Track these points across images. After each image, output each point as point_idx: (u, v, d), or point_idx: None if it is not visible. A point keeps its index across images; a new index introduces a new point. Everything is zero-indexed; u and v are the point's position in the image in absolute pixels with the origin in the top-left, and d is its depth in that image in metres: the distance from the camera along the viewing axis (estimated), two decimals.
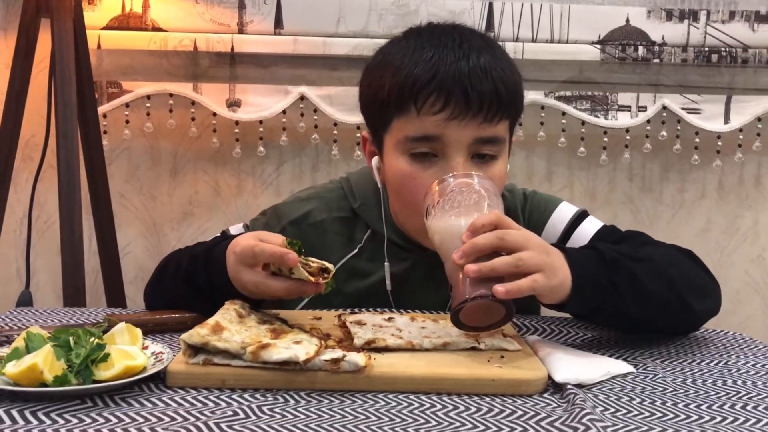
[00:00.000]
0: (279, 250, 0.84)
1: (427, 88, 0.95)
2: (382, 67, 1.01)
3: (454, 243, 0.83)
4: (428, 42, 0.98)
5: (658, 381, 0.80)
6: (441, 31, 1.01)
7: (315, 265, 0.85)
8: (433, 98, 0.95)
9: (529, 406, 0.71)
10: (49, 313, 1.04)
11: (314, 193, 1.15)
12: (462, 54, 0.95)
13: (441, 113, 0.95)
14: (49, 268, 1.85)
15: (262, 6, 1.71)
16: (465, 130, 0.95)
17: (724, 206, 1.87)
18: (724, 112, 1.75)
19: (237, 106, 1.73)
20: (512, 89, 0.97)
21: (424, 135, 0.96)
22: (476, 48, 0.97)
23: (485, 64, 0.95)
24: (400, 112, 0.98)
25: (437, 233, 0.88)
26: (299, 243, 0.86)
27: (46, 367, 0.68)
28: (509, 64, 1.00)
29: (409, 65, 0.97)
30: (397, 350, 0.81)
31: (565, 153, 1.83)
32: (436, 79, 0.94)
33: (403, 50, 0.99)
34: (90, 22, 1.62)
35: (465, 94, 0.94)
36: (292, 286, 0.85)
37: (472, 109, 0.94)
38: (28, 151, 1.79)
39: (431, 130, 0.96)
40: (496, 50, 1.00)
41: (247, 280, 0.88)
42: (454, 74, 0.94)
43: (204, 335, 0.75)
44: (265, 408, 0.69)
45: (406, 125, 0.97)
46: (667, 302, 0.90)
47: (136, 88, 1.72)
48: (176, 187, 1.85)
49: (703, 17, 1.73)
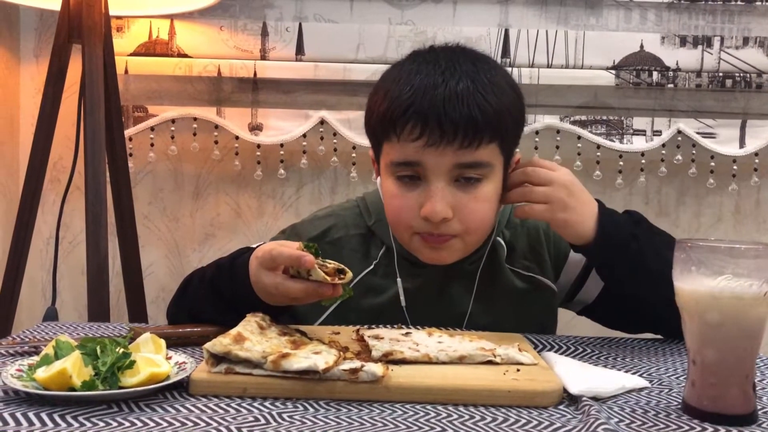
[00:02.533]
0: (296, 253, 0.87)
1: (404, 116, 0.97)
2: (377, 92, 1.04)
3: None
4: (422, 67, 1.00)
5: (674, 396, 0.80)
6: (437, 55, 1.02)
7: (332, 266, 0.88)
8: (410, 126, 0.97)
9: (544, 417, 0.72)
10: (75, 327, 1.07)
11: (332, 212, 1.18)
12: (441, 80, 0.97)
13: (419, 140, 0.97)
14: (73, 288, 1.89)
15: (284, 33, 1.76)
16: (443, 156, 0.97)
17: (741, 230, 1.87)
18: (739, 136, 1.76)
19: (259, 130, 1.77)
20: (493, 113, 0.96)
21: (405, 161, 0.99)
22: (459, 73, 0.97)
23: (462, 91, 0.96)
24: (386, 138, 1.01)
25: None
26: (315, 246, 0.89)
27: (74, 373, 0.71)
28: (497, 88, 0.99)
29: (394, 91, 0.99)
30: (414, 363, 0.83)
31: (581, 176, 1.80)
32: (413, 108, 0.96)
33: (397, 75, 1.02)
34: (118, 49, 1.68)
35: (439, 121, 0.95)
36: (310, 287, 0.87)
37: (447, 136, 0.95)
38: (56, 174, 1.85)
39: (411, 156, 0.98)
40: (484, 75, 0.99)
41: (267, 283, 0.90)
42: (430, 102, 0.96)
43: (226, 344, 0.77)
44: (285, 415, 0.71)
45: (391, 150, 1.01)
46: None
47: (161, 112, 1.77)
48: (198, 209, 1.89)
49: (716, 43, 1.76)
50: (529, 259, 1.13)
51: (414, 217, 1.00)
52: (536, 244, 1.14)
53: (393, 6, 1.78)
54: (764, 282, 0.70)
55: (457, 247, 1.03)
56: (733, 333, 0.71)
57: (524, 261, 1.13)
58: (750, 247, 0.72)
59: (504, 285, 1.11)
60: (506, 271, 1.12)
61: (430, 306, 1.09)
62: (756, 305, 0.71)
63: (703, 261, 0.72)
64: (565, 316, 1.22)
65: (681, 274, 0.74)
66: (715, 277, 0.71)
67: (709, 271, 0.71)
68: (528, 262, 1.13)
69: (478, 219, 1.01)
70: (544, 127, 1.77)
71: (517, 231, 1.15)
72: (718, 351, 0.72)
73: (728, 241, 0.74)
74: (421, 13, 1.77)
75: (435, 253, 1.03)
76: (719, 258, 0.71)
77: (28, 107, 1.85)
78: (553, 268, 1.14)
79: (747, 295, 0.70)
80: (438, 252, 1.03)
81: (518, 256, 1.13)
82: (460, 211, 0.99)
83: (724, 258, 0.71)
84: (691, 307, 0.73)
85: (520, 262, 1.13)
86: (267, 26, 1.76)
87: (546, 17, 1.77)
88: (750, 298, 0.70)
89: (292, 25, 1.76)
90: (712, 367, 0.72)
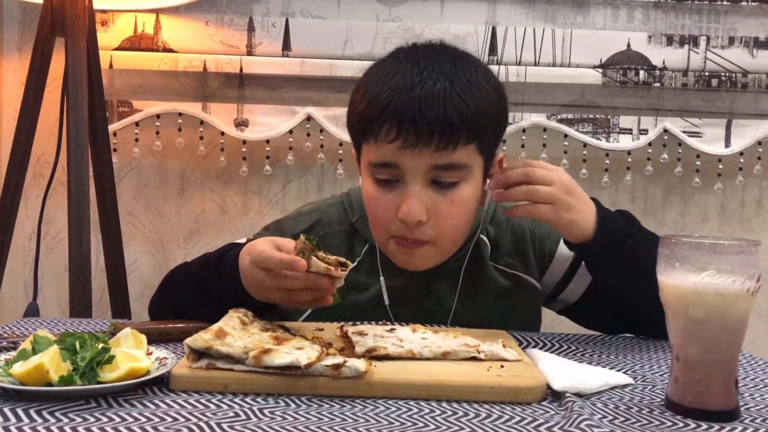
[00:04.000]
0: (286, 258, 0.85)
1: (381, 117, 0.96)
2: (357, 91, 1.03)
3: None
4: (401, 67, 0.98)
5: (657, 392, 0.80)
6: (417, 54, 1.01)
7: (333, 258, 0.88)
8: (387, 127, 0.96)
9: (528, 412, 0.72)
10: (55, 322, 1.05)
11: (316, 207, 1.17)
12: (419, 80, 0.95)
13: (395, 142, 0.96)
14: (55, 284, 1.87)
15: (270, 29, 1.75)
16: (419, 158, 0.96)
17: (726, 229, 1.87)
18: (725, 135, 1.77)
19: (245, 126, 1.76)
20: (471, 115, 0.95)
21: (382, 162, 0.99)
22: (437, 74, 0.96)
23: (438, 92, 0.94)
24: (365, 139, 1.01)
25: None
26: (315, 239, 0.88)
27: (52, 367, 0.69)
28: (476, 88, 0.97)
29: (372, 91, 0.98)
30: (397, 359, 0.82)
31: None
32: (389, 109, 0.95)
33: (377, 74, 1.00)
34: (103, 43, 1.66)
35: (414, 123, 0.94)
36: (310, 278, 0.86)
37: (423, 138, 0.94)
38: (39, 169, 1.83)
39: (388, 157, 0.97)
40: (464, 75, 0.97)
41: (263, 277, 0.89)
42: (406, 103, 0.94)
43: (207, 340, 0.77)
44: (266, 411, 0.70)
45: (369, 151, 1.00)
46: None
47: (146, 108, 1.75)
48: (183, 206, 1.87)
49: (703, 43, 1.76)
50: (514, 257, 1.13)
51: (391, 219, 0.99)
52: (521, 242, 1.14)
53: (380, 2, 1.77)
54: (747, 278, 0.70)
55: (430, 254, 1.02)
56: (716, 329, 0.71)
57: (508, 258, 1.13)
58: (733, 244, 0.72)
59: (487, 282, 1.11)
60: (490, 269, 1.11)
61: (414, 304, 1.08)
62: (739, 301, 0.71)
63: (687, 257, 0.72)
64: (550, 314, 1.22)
65: (665, 270, 0.74)
66: (699, 273, 0.71)
67: (692, 267, 0.71)
68: (512, 260, 1.13)
69: (452, 225, 1.00)
70: (530, 125, 1.77)
71: (501, 228, 1.14)
72: (701, 347, 0.72)
73: (712, 238, 0.74)
74: (409, 10, 1.77)
75: (409, 258, 1.03)
76: (703, 254, 0.71)
77: (10, 101, 1.83)
78: (538, 266, 1.14)
79: (730, 291, 0.70)
80: (412, 257, 1.03)
81: (502, 254, 1.13)
82: (435, 215, 0.98)
83: (707, 254, 0.71)
84: (675, 303, 0.73)
85: (504, 259, 1.13)
86: (253, 21, 1.75)
87: (533, 15, 1.77)
88: (733, 294, 0.70)
89: (278, 21, 1.75)
90: (695, 364, 0.72)
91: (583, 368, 0.85)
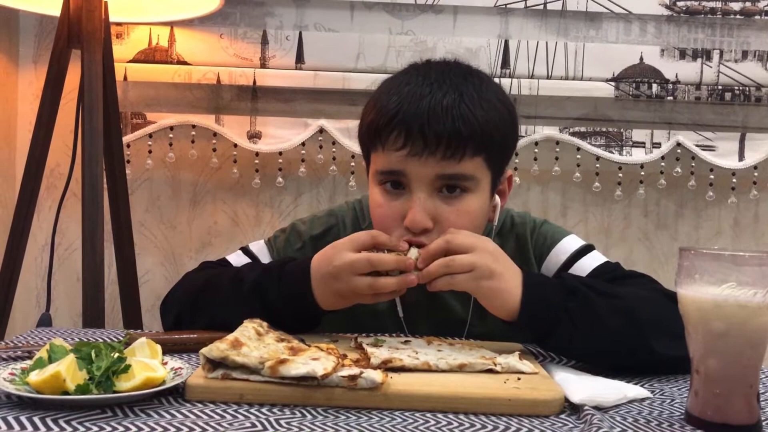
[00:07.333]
0: (397, 258, 0.92)
1: (389, 125, 0.98)
2: (369, 102, 1.05)
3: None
4: (413, 78, 1.01)
5: (676, 406, 0.79)
6: (429, 68, 1.03)
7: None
8: (394, 135, 0.97)
9: (546, 425, 0.71)
10: (69, 332, 1.05)
11: (331, 212, 1.19)
12: (428, 91, 0.97)
13: (402, 149, 0.97)
14: (67, 296, 1.87)
15: (284, 42, 1.76)
16: (425, 166, 0.97)
17: (739, 243, 1.86)
18: (739, 149, 1.76)
19: (257, 138, 1.77)
20: (478, 127, 0.96)
21: (389, 170, 1.00)
22: (447, 86, 0.98)
23: (447, 103, 0.96)
24: (373, 147, 1.02)
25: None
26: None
27: (68, 376, 0.69)
28: (485, 102, 0.98)
29: (382, 101, 1.00)
30: (413, 370, 0.82)
31: (580, 188, 1.85)
32: (397, 117, 0.97)
33: (388, 86, 1.03)
34: (118, 55, 1.68)
35: (422, 132, 0.95)
36: (401, 279, 0.92)
37: (430, 147, 0.95)
38: (52, 180, 1.84)
39: (395, 165, 0.98)
40: (474, 89, 0.98)
41: (359, 284, 0.92)
42: (414, 113, 0.96)
43: (223, 350, 0.76)
44: (283, 421, 0.69)
45: (377, 159, 1.02)
46: (623, 339, 0.88)
47: (159, 119, 1.76)
48: (196, 217, 1.88)
49: (716, 56, 1.76)
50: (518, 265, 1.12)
51: (397, 227, 0.99)
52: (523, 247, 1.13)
53: (393, 16, 1.78)
54: None
55: None
56: (737, 342, 0.71)
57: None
58: (754, 255, 0.71)
59: None
60: None
61: (428, 316, 1.08)
62: (760, 314, 0.70)
63: (707, 269, 0.71)
64: None
65: (684, 282, 0.73)
66: (719, 285, 0.70)
67: (712, 279, 0.71)
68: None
69: None
70: (543, 138, 1.77)
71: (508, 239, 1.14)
72: (722, 360, 0.71)
73: (732, 249, 0.73)
74: (422, 24, 1.78)
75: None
76: (723, 266, 0.71)
77: (25, 113, 1.84)
78: (538, 267, 1.13)
79: (751, 303, 0.69)
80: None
81: None
82: (440, 223, 0.98)
83: (728, 266, 0.70)
84: (694, 315, 0.73)
85: None
86: (267, 34, 1.76)
87: (546, 29, 1.78)
88: (754, 306, 0.69)
89: (292, 34, 1.76)
90: (715, 377, 0.71)
91: (600, 381, 0.84)
